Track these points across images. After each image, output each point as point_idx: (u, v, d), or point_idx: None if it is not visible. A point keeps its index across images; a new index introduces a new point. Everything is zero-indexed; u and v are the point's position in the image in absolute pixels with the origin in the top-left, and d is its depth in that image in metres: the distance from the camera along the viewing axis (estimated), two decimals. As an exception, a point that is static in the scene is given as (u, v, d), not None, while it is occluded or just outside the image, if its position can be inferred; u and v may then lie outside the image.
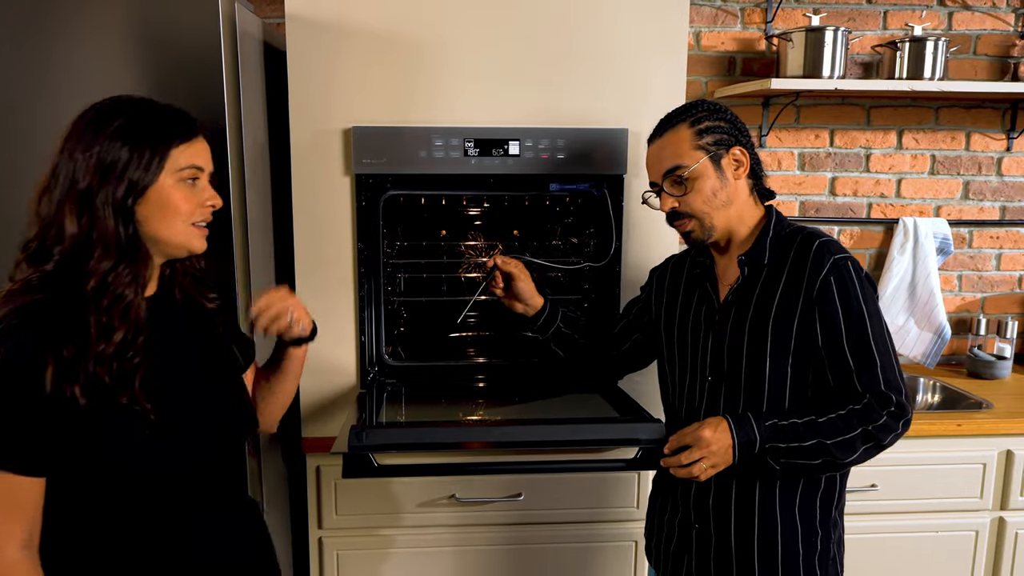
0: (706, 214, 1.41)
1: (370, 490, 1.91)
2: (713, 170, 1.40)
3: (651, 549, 1.64)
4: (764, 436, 1.35)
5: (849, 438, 1.33)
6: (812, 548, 1.44)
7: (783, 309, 1.38)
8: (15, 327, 1.04)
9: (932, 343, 2.54)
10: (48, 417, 1.04)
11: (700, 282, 1.52)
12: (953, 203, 2.62)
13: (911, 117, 2.55)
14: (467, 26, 1.78)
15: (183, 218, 1.15)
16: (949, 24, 2.52)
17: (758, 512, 1.43)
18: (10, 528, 1.05)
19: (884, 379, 1.34)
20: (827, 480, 1.44)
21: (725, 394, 1.44)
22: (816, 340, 1.37)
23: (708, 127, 1.41)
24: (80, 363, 1.04)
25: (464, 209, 2.16)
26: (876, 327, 1.36)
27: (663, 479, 1.58)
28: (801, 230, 1.44)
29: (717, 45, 2.48)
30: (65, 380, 1.03)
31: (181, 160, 1.14)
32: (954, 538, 2.11)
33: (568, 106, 1.83)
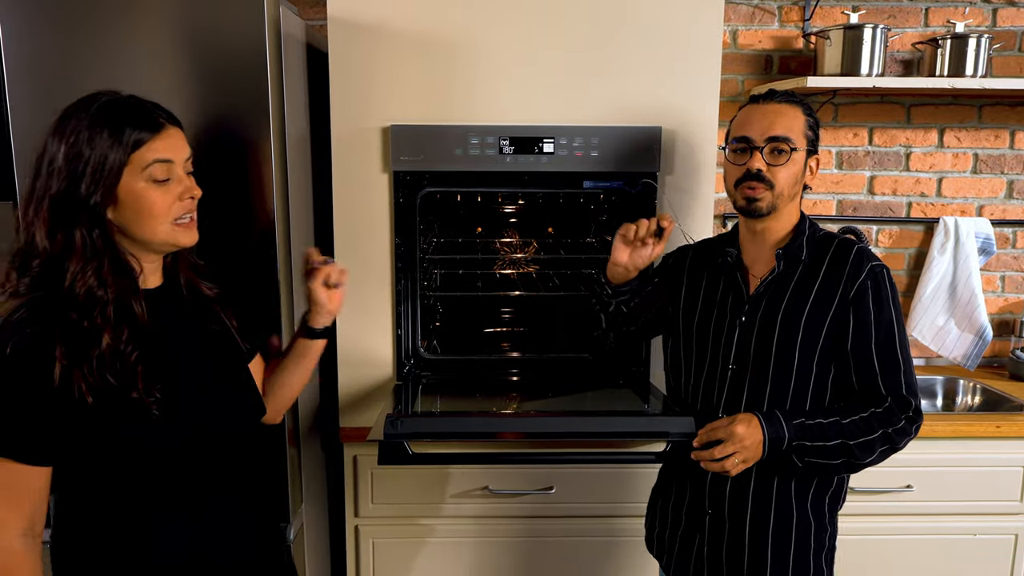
0: (782, 192, 1.44)
1: (406, 480, 1.96)
2: (803, 162, 1.46)
3: (653, 540, 1.65)
4: (792, 434, 1.37)
5: (870, 440, 1.37)
6: (821, 544, 1.47)
7: (817, 306, 1.42)
8: (25, 321, 1.06)
9: (973, 344, 2.50)
10: (55, 409, 1.05)
11: (729, 271, 1.53)
12: (996, 202, 2.58)
13: (953, 115, 2.52)
14: (503, 26, 1.81)
15: (161, 219, 1.13)
16: (993, 21, 2.48)
17: (775, 503, 1.45)
18: (9, 516, 1.06)
19: (906, 383, 1.40)
20: (837, 480, 1.48)
21: (749, 384, 1.45)
22: (845, 341, 1.40)
23: (813, 123, 1.47)
24: (83, 362, 1.05)
25: (499, 206, 2.20)
26: (902, 334, 1.42)
27: (671, 470, 1.60)
28: (834, 235, 1.50)
29: (754, 43, 2.47)
30: (72, 377, 1.04)
31: (147, 156, 1.11)
32: (992, 541, 2.08)
33: (602, 105, 1.85)
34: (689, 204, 1.92)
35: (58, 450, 1.08)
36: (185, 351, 1.21)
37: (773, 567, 1.45)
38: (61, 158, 1.08)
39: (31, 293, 1.08)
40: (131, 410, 1.09)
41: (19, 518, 1.07)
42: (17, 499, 1.07)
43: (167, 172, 1.14)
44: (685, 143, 1.88)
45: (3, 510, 1.06)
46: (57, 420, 1.06)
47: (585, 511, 1.98)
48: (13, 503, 1.06)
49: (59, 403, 1.05)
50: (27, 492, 1.07)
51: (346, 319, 1.88)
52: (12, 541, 1.06)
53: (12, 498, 1.06)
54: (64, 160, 1.08)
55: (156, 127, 1.13)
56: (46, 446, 1.07)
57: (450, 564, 2.00)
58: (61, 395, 1.05)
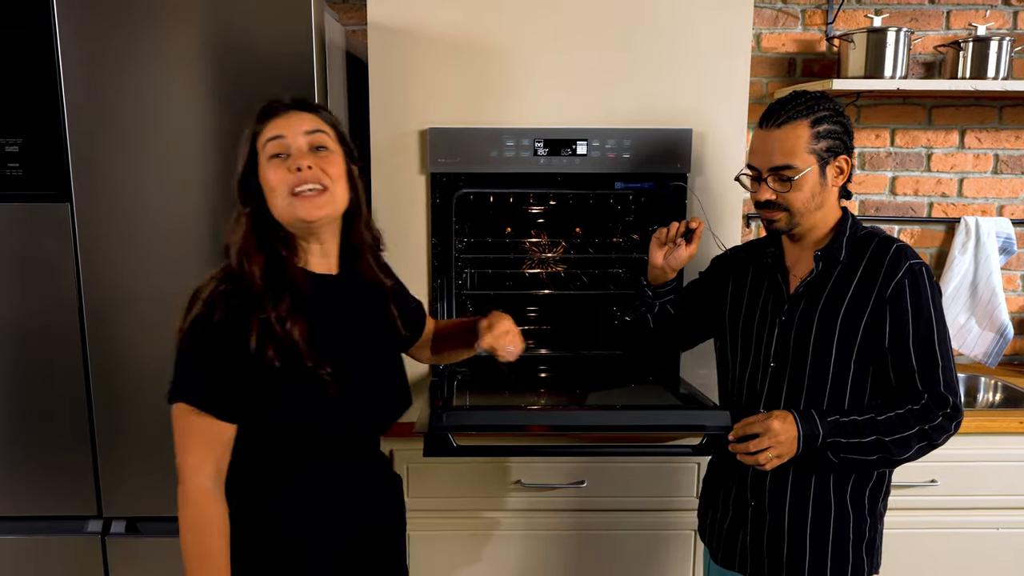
0: (800, 213, 1.46)
1: (440, 474, 2.01)
2: (818, 175, 1.45)
3: (705, 528, 1.70)
4: (827, 431, 1.41)
5: (906, 436, 1.40)
6: (860, 535, 1.50)
7: (854, 306, 1.45)
8: (228, 294, 1.21)
9: (994, 342, 2.54)
10: (249, 373, 1.21)
11: (771, 272, 1.57)
12: (1017, 202, 2.61)
13: (974, 116, 2.55)
14: (536, 30, 1.86)
15: (279, 192, 1.25)
16: (1014, 23, 2.52)
17: (813, 495, 1.49)
18: (205, 462, 1.23)
19: (944, 380, 1.41)
20: (878, 472, 1.50)
21: (788, 382, 1.50)
22: (883, 339, 1.43)
23: (826, 130, 1.44)
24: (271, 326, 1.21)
25: (529, 207, 2.25)
26: (941, 331, 1.43)
27: (721, 462, 1.64)
28: (876, 233, 1.51)
29: (778, 47, 2.52)
30: (264, 343, 1.20)
31: (264, 136, 1.26)
32: (1014, 536, 2.11)
33: (634, 107, 1.90)
34: (718, 206, 1.96)
35: (247, 410, 1.24)
36: (356, 333, 1.36)
37: (812, 558, 1.49)
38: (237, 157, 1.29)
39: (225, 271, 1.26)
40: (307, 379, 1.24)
41: (210, 463, 1.23)
42: (211, 448, 1.23)
43: (280, 147, 1.25)
44: (715, 145, 1.92)
45: (200, 456, 1.23)
46: (250, 382, 1.22)
47: (617, 504, 2.02)
48: (208, 451, 1.23)
49: (253, 368, 1.21)
50: (219, 442, 1.24)
51: (383, 317, 1.93)
52: (206, 481, 1.22)
53: (207, 446, 1.23)
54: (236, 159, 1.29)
55: (272, 114, 1.28)
56: (239, 406, 1.23)
57: (486, 557, 2.05)
58: (256, 361, 1.20)
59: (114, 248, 1.71)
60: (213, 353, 1.21)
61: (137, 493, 1.81)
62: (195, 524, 1.22)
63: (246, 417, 1.25)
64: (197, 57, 1.65)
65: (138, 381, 1.76)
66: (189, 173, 1.70)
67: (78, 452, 1.78)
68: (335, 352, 1.27)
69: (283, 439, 1.29)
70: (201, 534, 1.23)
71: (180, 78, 1.65)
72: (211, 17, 1.64)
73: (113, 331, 1.74)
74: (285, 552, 1.30)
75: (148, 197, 1.70)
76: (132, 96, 1.65)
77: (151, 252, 1.72)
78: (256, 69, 1.66)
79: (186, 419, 1.22)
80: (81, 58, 1.63)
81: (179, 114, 1.67)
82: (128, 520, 1.83)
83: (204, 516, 1.23)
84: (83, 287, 1.71)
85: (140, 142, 1.68)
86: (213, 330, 1.19)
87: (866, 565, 1.52)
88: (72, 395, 1.75)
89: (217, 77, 1.66)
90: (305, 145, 1.26)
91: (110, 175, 1.68)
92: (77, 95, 1.65)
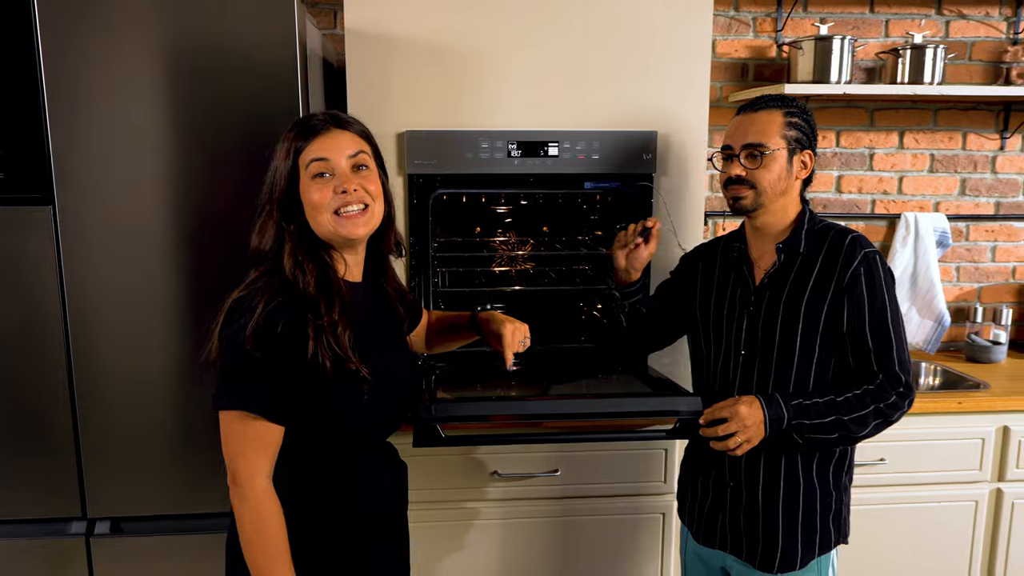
0: (765, 192, 1.57)
1: (418, 467, 2.05)
2: (786, 161, 1.57)
3: (684, 510, 1.80)
4: (791, 414, 1.52)
5: (863, 415, 1.51)
6: (828, 508, 1.62)
7: (815, 294, 1.55)
8: (285, 304, 1.26)
9: (933, 330, 2.72)
10: (303, 379, 1.27)
11: (736, 266, 1.68)
12: (951, 199, 2.80)
13: (912, 119, 2.73)
14: (510, 38, 1.94)
15: (322, 210, 1.31)
16: (946, 32, 2.70)
17: (784, 474, 1.60)
18: (262, 464, 1.28)
19: (898, 360, 1.53)
20: (840, 449, 1.62)
21: (758, 369, 1.60)
22: (842, 325, 1.55)
23: (796, 123, 1.57)
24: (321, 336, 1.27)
25: (500, 207, 2.32)
26: (895, 314, 1.54)
27: (697, 447, 1.74)
28: (833, 226, 1.62)
29: (731, 52, 2.65)
30: (320, 349, 1.26)
31: (308, 156, 1.31)
32: (956, 508, 2.28)
33: (602, 110, 1.99)
34: (681, 203, 2.07)
35: (296, 413, 1.29)
36: (380, 334, 1.44)
37: (784, 533, 1.60)
38: (268, 173, 1.34)
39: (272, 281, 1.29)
40: (351, 381, 1.30)
41: (267, 464, 1.29)
42: (267, 450, 1.28)
43: (324, 167, 1.31)
44: (678, 146, 2.03)
45: (257, 459, 1.28)
46: (302, 388, 1.28)
47: (590, 491, 2.11)
48: (264, 453, 1.28)
49: (308, 373, 1.27)
50: (273, 444, 1.29)
51: (363, 315, 1.98)
52: (264, 482, 1.28)
53: (262, 448, 1.28)
54: (269, 174, 1.34)
55: (314, 132, 1.32)
56: (290, 409, 1.28)
57: (466, 546, 2.11)
58: (311, 366, 1.26)
59: (97, 250, 1.72)
60: (275, 361, 1.25)
61: (121, 493, 1.82)
62: (258, 524, 1.27)
63: (296, 419, 1.30)
64: (179, 63, 1.67)
65: (121, 381, 1.77)
66: (170, 176, 1.72)
67: (62, 454, 1.78)
68: (369, 354, 1.34)
69: (326, 433, 1.35)
70: (264, 533, 1.27)
71: (163, 83, 1.67)
72: (193, 23, 1.66)
73: (96, 331, 1.75)
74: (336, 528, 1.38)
75: (129, 200, 1.71)
76: (114, 100, 1.66)
77: (133, 254, 1.74)
78: (238, 75, 1.69)
79: (240, 424, 1.26)
80: (63, 63, 1.64)
81: (161, 118, 1.69)
82: (112, 520, 1.84)
83: (265, 515, 1.28)
84: (66, 288, 1.71)
85: (122, 145, 1.69)
86: (276, 339, 1.24)
87: (834, 536, 1.64)
88: (56, 396, 1.76)
89: (198, 82, 1.68)
90: (348, 167, 1.32)
91: (92, 178, 1.69)
92: (59, 99, 1.65)
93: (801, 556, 1.61)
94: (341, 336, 1.29)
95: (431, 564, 2.10)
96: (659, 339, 1.91)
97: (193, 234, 1.73)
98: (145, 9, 1.65)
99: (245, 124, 1.70)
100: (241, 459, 1.27)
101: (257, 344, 1.23)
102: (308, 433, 1.33)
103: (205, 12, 1.66)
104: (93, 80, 1.66)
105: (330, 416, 1.33)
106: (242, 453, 1.27)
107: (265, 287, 1.28)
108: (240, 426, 1.26)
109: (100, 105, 1.67)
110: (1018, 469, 2.26)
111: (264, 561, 1.28)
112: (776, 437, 1.53)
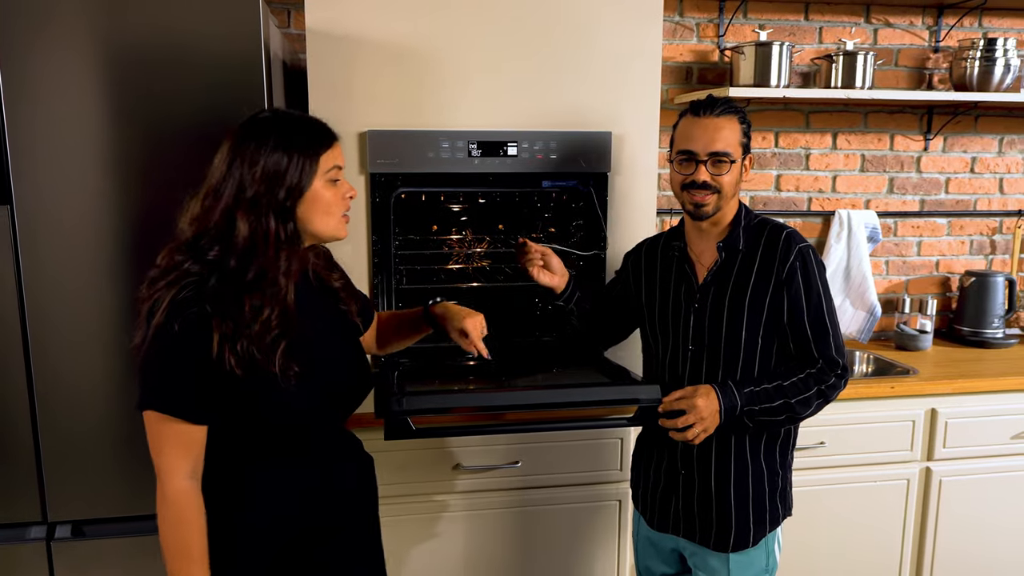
0: (726, 197, 1.65)
1: (381, 462, 2.08)
2: (740, 165, 1.67)
3: (638, 496, 1.88)
4: (744, 400, 1.62)
5: (807, 396, 1.63)
6: (775, 486, 1.73)
7: (757, 290, 1.65)
8: (189, 300, 1.24)
9: (865, 321, 2.88)
10: (213, 378, 1.26)
11: (679, 264, 1.76)
12: (880, 197, 2.97)
13: (844, 121, 2.88)
14: (470, 40, 1.98)
15: (334, 213, 1.36)
16: (875, 39, 2.86)
17: (734, 460, 1.70)
18: (181, 463, 1.28)
19: (835, 346, 1.66)
20: (784, 430, 1.74)
21: (706, 362, 1.70)
22: (783, 316, 1.65)
23: (745, 131, 1.67)
24: (236, 339, 1.25)
25: (459, 206, 2.36)
26: (829, 304, 1.66)
27: (649, 434, 1.83)
28: (766, 221, 1.71)
29: (676, 56, 2.75)
30: (225, 352, 1.24)
31: (327, 163, 1.33)
32: (889, 487, 2.43)
33: (560, 111, 2.05)
34: (633, 201, 2.15)
35: (214, 411, 1.29)
36: (319, 331, 1.42)
37: (737, 515, 1.70)
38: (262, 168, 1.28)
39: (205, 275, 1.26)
40: (271, 382, 1.29)
41: (187, 463, 1.29)
42: (186, 449, 1.29)
43: (338, 175, 1.37)
44: (631, 146, 2.11)
45: (175, 458, 1.28)
46: (214, 387, 1.27)
47: (549, 481, 2.18)
48: (182, 452, 1.28)
49: (215, 373, 1.25)
50: (192, 443, 1.29)
51: (325, 313, 2.00)
52: (183, 482, 1.29)
53: (181, 448, 1.28)
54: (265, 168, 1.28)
55: (333, 138, 1.36)
56: (206, 408, 1.28)
57: (432, 537, 2.15)
58: (216, 367, 1.25)
59: (56, 251, 1.69)
60: (177, 361, 1.25)
61: (83, 496, 1.80)
62: (175, 522, 1.29)
63: (217, 417, 1.30)
64: (139, 65, 1.67)
65: (81, 383, 1.75)
66: (129, 179, 1.71)
67: (21, 457, 1.75)
68: (306, 347, 1.34)
69: (254, 433, 1.35)
70: (181, 532, 1.29)
71: (124, 83, 1.66)
72: (155, 24, 1.66)
73: (55, 333, 1.72)
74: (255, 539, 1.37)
75: (87, 201, 1.70)
76: (73, 102, 1.65)
77: (92, 255, 1.72)
78: (202, 77, 1.69)
79: (158, 425, 1.27)
80: (21, 66, 1.62)
81: (120, 121, 1.68)
82: (73, 524, 1.82)
83: (183, 514, 1.29)
84: (24, 289, 1.69)
85: (80, 147, 1.68)
86: (173, 339, 1.23)
87: (781, 511, 1.75)
88: (15, 399, 1.73)
89: (160, 84, 1.68)
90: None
91: (49, 178, 1.67)
92: (17, 100, 1.63)
93: (753, 534, 1.71)
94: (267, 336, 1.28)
95: (399, 557, 2.13)
96: (613, 335, 1.99)
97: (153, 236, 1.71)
98: (106, 11, 1.64)
99: (207, 126, 1.68)
100: (160, 458, 1.28)
101: (157, 345, 1.24)
102: (241, 432, 1.34)
103: (167, 13, 1.66)
104: (51, 82, 1.64)
105: (257, 415, 1.32)
106: (161, 452, 1.28)
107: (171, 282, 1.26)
108: (158, 427, 1.27)
109: (58, 107, 1.65)
110: (945, 449, 2.43)
111: (179, 564, 1.29)
112: (730, 424, 1.62)
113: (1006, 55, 2.67)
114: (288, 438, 1.39)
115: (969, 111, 2.90)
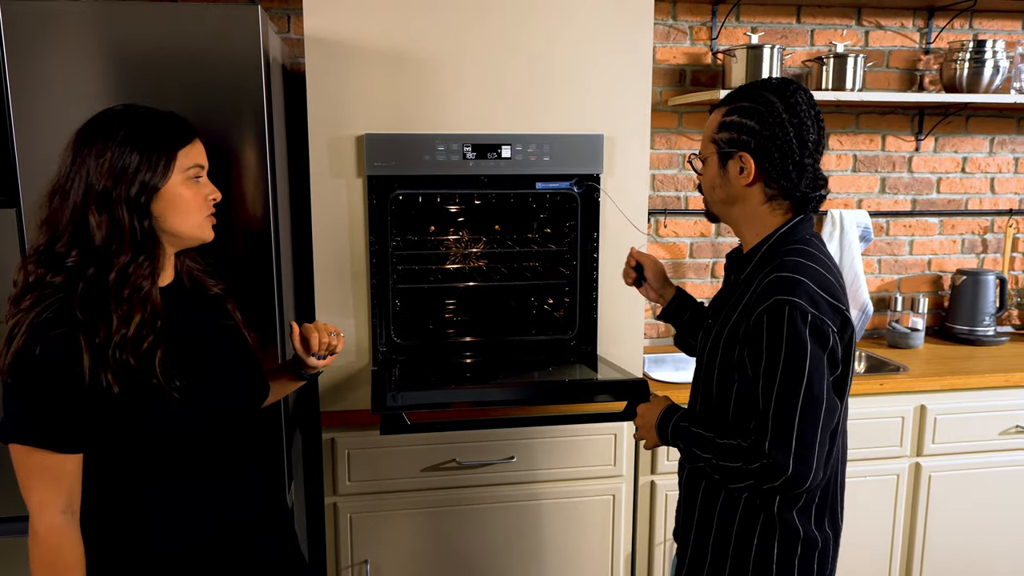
0: (706, 199, 1.47)
1: (380, 458, 2.14)
2: (716, 166, 1.40)
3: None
4: (673, 432, 1.44)
5: (733, 468, 1.31)
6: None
7: (735, 325, 1.35)
8: (48, 323, 1.15)
9: (858, 319, 2.92)
10: (86, 403, 1.17)
11: (726, 272, 1.56)
12: (872, 196, 3.01)
13: (835, 122, 2.92)
14: (464, 46, 2.03)
15: (195, 213, 1.28)
16: (866, 41, 2.90)
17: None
18: (52, 497, 1.18)
19: (773, 434, 1.25)
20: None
21: (698, 385, 1.50)
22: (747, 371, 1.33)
23: (733, 122, 1.36)
24: (108, 350, 1.16)
25: (455, 207, 2.42)
26: (788, 381, 1.24)
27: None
28: (791, 252, 1.33)
29: (669, 59, 2.79)
30: (99, 368, 1.15)
31: (186, 161, 1.25)
32: (880, 481, 2.47)
33: (553, 114, 2.10)
34: (625, 202, 2.20)
35: (89, 438, 1.20)
36: (201, 340, 1.33)
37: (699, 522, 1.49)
38: (110, 161, 1.18)
39: (58, 293, 1.17)
40: (154, 396, 1.20)
41: (59, 497, 1.19)
42: (56, 482, 1.18)
43: (200, 173, 1.30)
44: (623, 148, 2.15)
45: (45, 492, 1.18)
46: (87, 411, 1.18)
47: (543, 476, 2.22)
48: (53, 486, 1.18)
49: (89, 395, 1.16)
50: (64, 475, 1.19)
51: (323, 314, 2.05)
52: (55, 517, 1.19)
53: (51, 481, 1.18)
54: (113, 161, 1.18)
55: (191, 135, 1.29)
56: (78, 436, 1.19)
57: (427, 532, 2.20)
58: (90, 388, 1.16)
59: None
60: (39, 388, 1.15)
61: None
62: (49, 563, 1.18)
63: (93, 444, 1.21)
64: (146, 69, 1.71)
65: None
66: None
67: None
68: (188, 356, 1.26)
69: (145, 455, 1.25)
70: (55, 573, 1.19)
71: (129, 88, 1.71)
72: (160, 31, 1.71)
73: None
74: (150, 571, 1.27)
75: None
76: (78, 106, 1.69)
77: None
78: (202, 82, 1.73)
79: (24, 457, 1.17)
80: (28, 71, 1.67)
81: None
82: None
83: (58, 555, 1.19)
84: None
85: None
86: (34, 365, 1.13)
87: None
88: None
89: (161, 89, 1.72)
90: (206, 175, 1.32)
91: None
92: (25, 105, 1.68)
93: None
94: (141, 349, 1.19)
95: (394, 552, 2.18)
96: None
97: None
98: (108, 20, 1.69)
99: (209, 129, 1.73)
100: (30, 493, 1.18)
101: (19, 370, 1.14)
102: (130, 456, 1.24)
103: (170, 21, 1.71)
104: (58, 88, 1.69)
105: (142, 433, 1.22)
106: (30, 487, 1.18)
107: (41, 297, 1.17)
108: (23, 458, 1.18)
109: (64, 111, 1.69)
110: (934, 444, 2.47)
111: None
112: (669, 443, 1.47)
113: (995, 57, 2.71)
114: (182, 456, 1.28)
115: (959, 112, 2.94)
